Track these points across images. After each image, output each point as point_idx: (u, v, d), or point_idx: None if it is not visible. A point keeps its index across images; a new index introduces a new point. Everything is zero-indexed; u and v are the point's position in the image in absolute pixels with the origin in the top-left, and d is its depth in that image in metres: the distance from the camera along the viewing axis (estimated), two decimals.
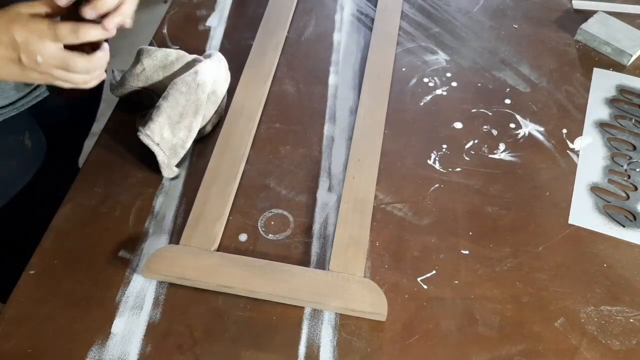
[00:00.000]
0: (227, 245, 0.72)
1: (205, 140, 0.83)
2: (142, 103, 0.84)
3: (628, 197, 0.79)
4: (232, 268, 0.68)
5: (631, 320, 0.67)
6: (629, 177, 0.82)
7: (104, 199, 0.76)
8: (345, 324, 0.66)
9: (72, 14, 0.61)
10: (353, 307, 0.66)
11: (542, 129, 0.87)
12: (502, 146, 0.84)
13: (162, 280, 0.68)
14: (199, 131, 0.80)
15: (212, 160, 0.79)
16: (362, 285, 0.68)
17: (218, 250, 0.72)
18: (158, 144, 0.75)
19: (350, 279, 0.68)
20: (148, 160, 0.78)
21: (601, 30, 0.99)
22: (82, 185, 0.77)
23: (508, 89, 0.93)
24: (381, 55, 0.95)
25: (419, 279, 0.70)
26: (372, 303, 0.66)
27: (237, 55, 0.95)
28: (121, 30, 0.66)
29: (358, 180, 0.78)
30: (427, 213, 0.77)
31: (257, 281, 0.67)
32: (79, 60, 0.61)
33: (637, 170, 0.82)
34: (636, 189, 0.80)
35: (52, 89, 0.77)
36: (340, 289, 0.67)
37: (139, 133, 0.75)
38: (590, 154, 0.84)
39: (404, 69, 0.95)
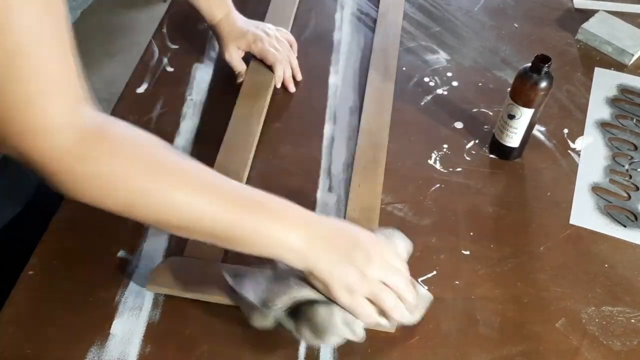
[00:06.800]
0: None
1: (207, 143, 0.83)
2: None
3: (629, 197, 0.79)
4: None
5: (632, 320, 0.67)
6: (630, 177, 0.81)
7: None
8: None
9: None
10: None
11: (543, 128, 0.87)
12: None
13: (166, 293, 0.67)
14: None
15: (215, 167, 0.78)
16: None
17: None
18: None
19: None
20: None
21: (602, 29, 0.99)
22: None
23: (509, 89, 0.92)
24: (384, 59, 0.94)
25: (419, 280, 0.70)
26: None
27: None
28: (120, 29, 0.66)
29: (364, 189, 0.77)
30: (427, 213, 0.76)
31: None
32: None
33: (639, 170, 0.82)
34: (637, 189, 0.80)
35: None
36: None
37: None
38: (591, 153, 0.84)
39: (404, 69, 0.95)
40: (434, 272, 0.71)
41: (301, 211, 0.56)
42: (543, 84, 0.73)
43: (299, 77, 0.92)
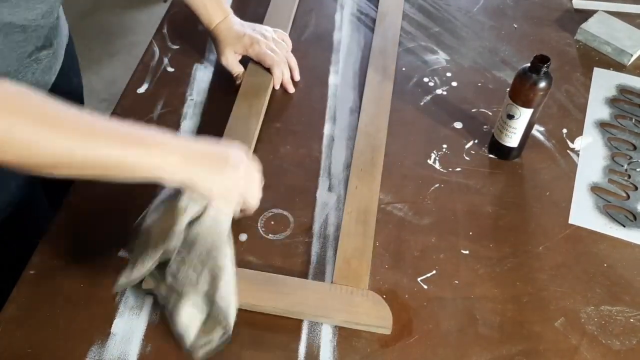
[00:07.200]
0: None
1: None
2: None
3: (628, 197, 0.79)
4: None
5: (631, 320, 0.67)
6: (629, 176, 0.81)
7: (103, 199, 0.76)
8: None
9: None
10: (357, 321, 0.65)
11: (542, 128, 0.87)
12: None
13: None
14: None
15: None
16: (366, 298, 0.67)
17: None
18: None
19: (354, 292, 0.67)
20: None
21: (601, 29, 0.99)
22: (82, 185, 0.77)
23: (508, 89, 0.92)
24: (383, 60, 0.94)
25: (419, 279, 0.70)
26: (376, 316, 0.65)
27: None
28: (120, 29, 0.66)
29: (361, 191, 0.77)
30: (427, 213, 0.77)
31: (261, 295, 0.67)
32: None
33: (638, 170, 0.82)
34: (636, 188, 0.80)
35: None
36: (344, 303, 0.66)
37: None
38: (590, 153, 0.84)
39: (404, 69, 0.95)
40: (434, 272, 0.71)
41: (179, 139, 0.60)
42: (542, 84, 0.73)
43: (297, 77, 0.92)
